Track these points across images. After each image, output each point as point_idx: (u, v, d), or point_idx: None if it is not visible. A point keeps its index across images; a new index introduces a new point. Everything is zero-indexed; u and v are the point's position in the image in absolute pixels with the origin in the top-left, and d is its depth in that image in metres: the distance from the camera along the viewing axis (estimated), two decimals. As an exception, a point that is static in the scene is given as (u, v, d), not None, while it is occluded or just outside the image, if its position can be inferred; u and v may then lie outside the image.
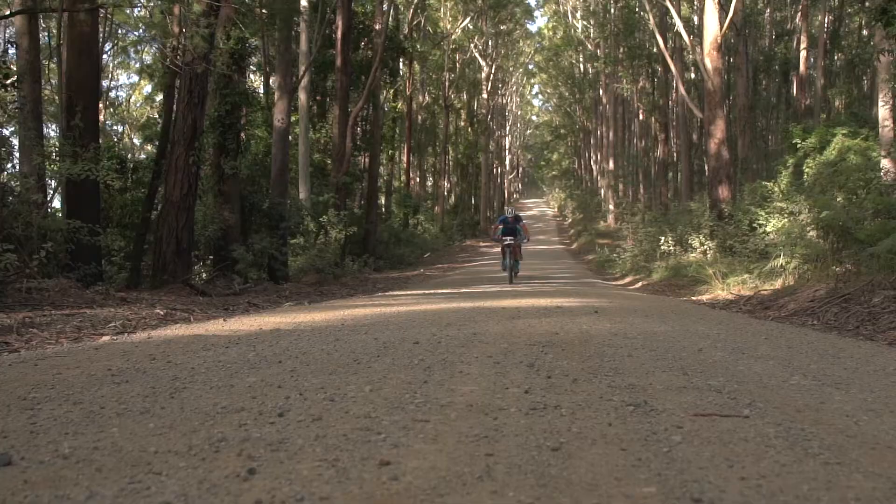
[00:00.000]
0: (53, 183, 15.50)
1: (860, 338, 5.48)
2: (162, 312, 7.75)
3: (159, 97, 30.73)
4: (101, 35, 26.50)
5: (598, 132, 48.51)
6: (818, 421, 2.18)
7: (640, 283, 17.76)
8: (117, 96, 41.70)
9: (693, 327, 5.53)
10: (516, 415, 2.26)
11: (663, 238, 20.19)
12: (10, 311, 6.96)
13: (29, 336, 5.58)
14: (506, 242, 16.08)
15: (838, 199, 12.80)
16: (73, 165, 9.83)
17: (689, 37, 21.39)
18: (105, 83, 37.78)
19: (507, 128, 70.38)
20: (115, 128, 38.69)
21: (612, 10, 38.91)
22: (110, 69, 35.80)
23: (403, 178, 38.99)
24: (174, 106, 13.51)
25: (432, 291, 12.86)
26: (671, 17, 21.66)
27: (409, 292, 13.31)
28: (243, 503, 1.44)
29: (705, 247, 17.39)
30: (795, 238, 12.17)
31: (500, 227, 16.69)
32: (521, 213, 20.27)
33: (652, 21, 23.02)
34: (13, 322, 5.95)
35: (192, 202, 12.54)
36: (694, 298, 11.71)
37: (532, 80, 69.96)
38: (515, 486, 1.53)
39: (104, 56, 35.20)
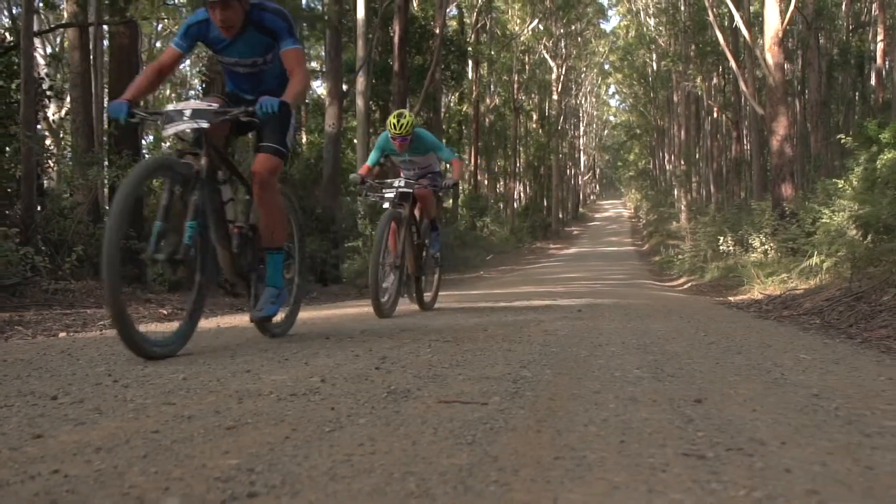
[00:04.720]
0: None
1: (842, 336, 5.28)
2: (166, 312, 8.08)
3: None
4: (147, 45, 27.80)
5: (671, 131, 47.57)
6: (554, 410, 2.17)
7: (688, 284, 17.40)
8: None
9: (652, 325, 5.44)
10: (267, 400, 2.33)
11: (721, 238, 19.79)
12: (20, 311, 7.39)
13: (10, 333, 5.93)
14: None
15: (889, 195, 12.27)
16: (100, 172, 10.33)
17: (750, 31, 20.79)
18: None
19: (582, 128, 69.70)
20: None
21: (682, 8, 38.16)
22: (188, 80, 37.19)
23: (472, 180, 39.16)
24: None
25: (462, 292, 12.88)
26: (733, 11, 21.13)
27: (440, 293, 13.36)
28: None
29: (766, 246, 16.91)
30: (833, 236, 11.77)
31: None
32: (598, 215, 18.94)
33: (711, 16, 22.53)
34: (-4, 320, 6.31)
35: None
36: (730, 299, 11.42)
37: (608, 80, 69.20)
38: (119, 460, 1.61)
39: (183, 67, 36.57)
